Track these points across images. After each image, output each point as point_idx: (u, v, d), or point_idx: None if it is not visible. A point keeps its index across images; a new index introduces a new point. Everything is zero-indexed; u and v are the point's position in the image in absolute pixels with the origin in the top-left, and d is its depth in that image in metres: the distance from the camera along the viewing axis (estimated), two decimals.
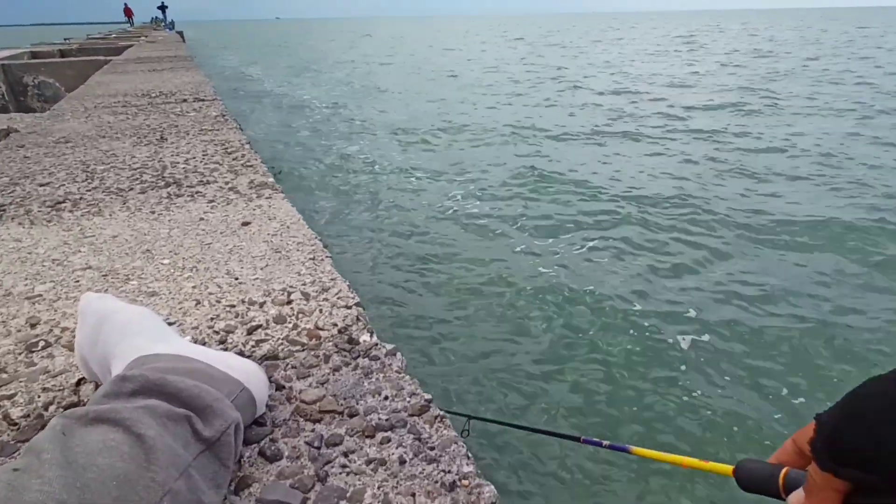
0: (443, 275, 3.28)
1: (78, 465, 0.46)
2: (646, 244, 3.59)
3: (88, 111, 2.88)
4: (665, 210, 4.21)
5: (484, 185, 4.99)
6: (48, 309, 0.95)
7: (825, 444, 0.32)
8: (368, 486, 0.60)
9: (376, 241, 3.83)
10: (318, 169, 5.62)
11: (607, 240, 3.72)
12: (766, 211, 4.09)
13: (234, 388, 0.64)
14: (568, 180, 5.06)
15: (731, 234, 3.72)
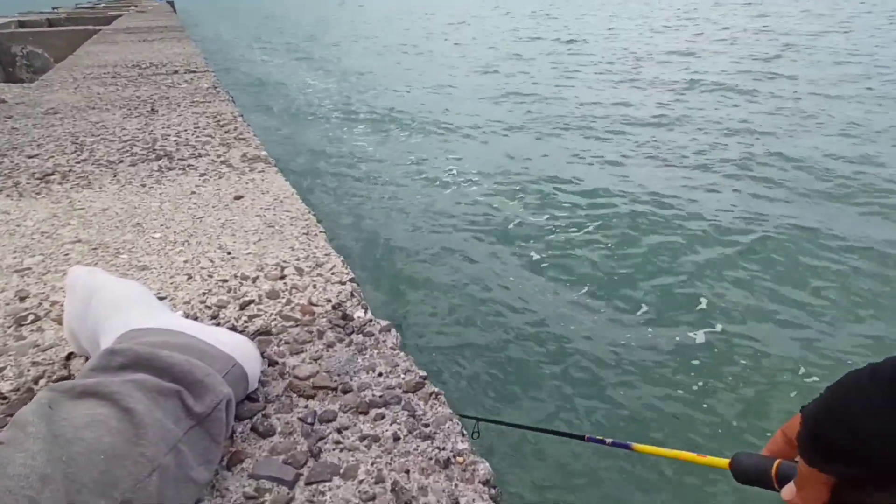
0: (440, 252, 3.26)
1: (64, 439, 0.45)
2: (650, 226, 3.57)
3: (78, 82, 2.81)
4: (674, 197, 4.18)
5: (482, 162, 4.94)
6: (37, 282, 0.93)
7: (808, 440, 0.33)
8: (362, 463, 0.59)
9: (372, 216, 3.80)
10: (311, 146, 5.55)
11: (612, 220, 3.70)
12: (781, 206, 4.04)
13: (225, 364, 0.63)
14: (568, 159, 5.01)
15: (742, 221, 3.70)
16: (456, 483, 0.58)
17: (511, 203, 4.00)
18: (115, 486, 0.44)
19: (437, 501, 0.55)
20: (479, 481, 0.58)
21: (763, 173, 4.55)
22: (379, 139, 5.69)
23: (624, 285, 2.86)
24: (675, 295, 2.79)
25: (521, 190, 4.23)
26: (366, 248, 3.34)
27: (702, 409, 1.97)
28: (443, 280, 2.96)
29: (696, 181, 4.42)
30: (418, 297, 2.79)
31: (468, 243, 3.38)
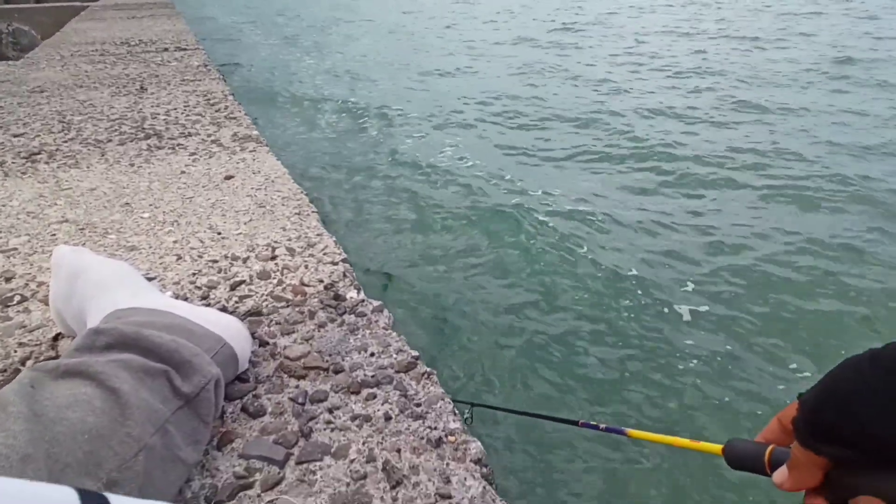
0: (434, 232, 3.25)
1: (46, 419, 0.44)
2: (648, 200, 3.55)
3: (65, 59, 2.75)
4: (670, 160, 4.14)
5: (478, 133, 4.89)
6: (23, 263, 0.91)
7: (805, 422, 0.33)
8: (353, 442, 0.59)
9: (365, 196, 3.78)
10: (305, 123, 5.48)
11: (603, 196, 3.68)
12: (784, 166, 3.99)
13: (214, 344, 0.62)
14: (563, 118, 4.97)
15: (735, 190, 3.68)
16: (447, 462, 0.58)
17: (504, 184, 3.98)
18: (100, 465, 0.44)
19: (429, 480, 0.55)
20: (471, 460, 0.58)
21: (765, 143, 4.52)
22: (373, 122, 5.63)
23: (614, 262, 2.87)
24: (667, 272, 2.79)
25: (514, 170, 4.21)
26: (358, 229, 3.32)
27: (696, 393, 1.98)
28: (437, 260, 2.95)
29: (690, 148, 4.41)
30: (412, 278, 2.79)
31: (461, 223, 3.37)
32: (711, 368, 2.11)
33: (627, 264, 2.84)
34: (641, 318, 2.43)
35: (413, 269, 2.86)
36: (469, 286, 2.70)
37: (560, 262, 2.89)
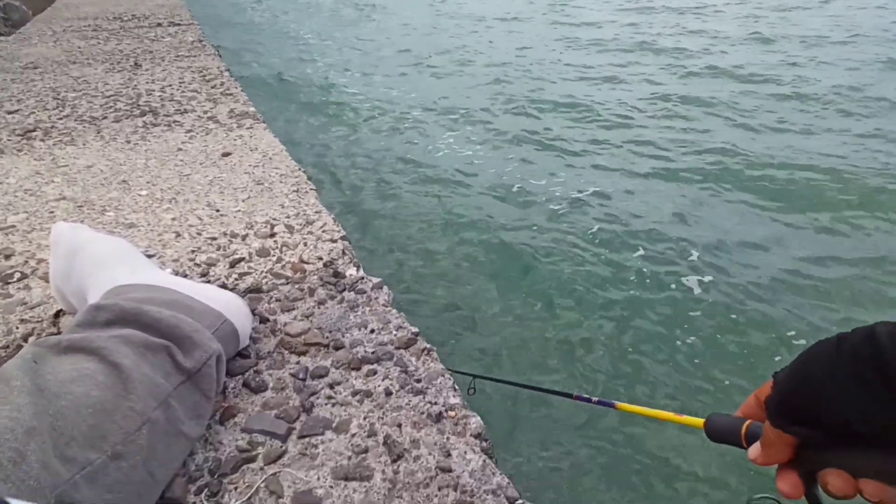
0: (435, 209, 3.23)
1: (50, 393, 0.45)
2: (648, 174, 3.53)
3: (57, 35, 2.70)
4: (671, 129, 4.10)
5: (477, 110, 4.84)
6: (22, 240, 0.91)
7: (776, 403, 0.35)
8: (354, 417, 0.60)
9: (365, 173, 3.75)
10: (302, 99, 5.41)
11: (606, 172, 3.65)
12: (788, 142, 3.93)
13: (214, 320, 0.63)
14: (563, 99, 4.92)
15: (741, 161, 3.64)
16: (448, 436, 0.58)
17: (506, 158, 3.95)
18: (104, 439, 0.44)
19: (430, 454, 0.56)
20: (471, 434, 0.59)
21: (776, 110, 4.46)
22: (373, 94, 5.55)
23: (616, 235, 2.87)
24: (668, 245, 2.79)
25: (516, 145, 4.17)
26: (358, 206, 3.31)
27: (688, 368, 2.00)
28: (437, 237, 2.95)
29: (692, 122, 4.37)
30: (411, 255, 2.79)
31: (461, 200, 3.36)
32: (713, 342, 2.12)
33: (633, 241, 2.84)
34: (647, 293, 2.43)
35: (413, 247, 2.86)
36: (470, 262, 2.70)
37: (563, 238, 2.88)
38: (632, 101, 5.16)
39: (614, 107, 5.07)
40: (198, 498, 0.51)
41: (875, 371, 0.28)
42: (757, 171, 3.69)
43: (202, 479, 0.52)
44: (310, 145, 4.31)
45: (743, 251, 2.75)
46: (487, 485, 0.53)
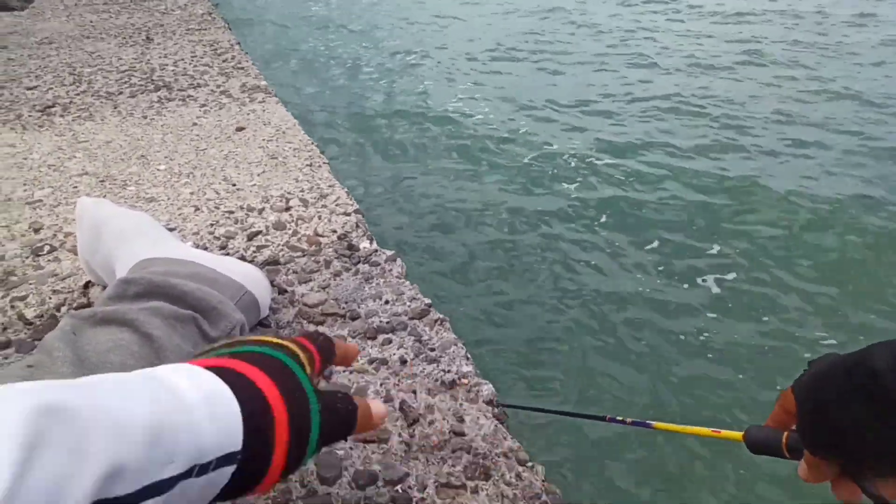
0: (448, 184, 3.23)
1: (90, 363, 0.47)
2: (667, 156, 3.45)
3: (69, 9, 2.70)
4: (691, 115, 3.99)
5: (495, 89, 4.75)
6: (49, 214, 0.94)
7: (801, 432, 0.35)
8: (371, 384, 0.62)
9: (376, 147, 3.74)
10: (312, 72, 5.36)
11: (629, 162, 3.57)
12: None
13: (236, 292, 0.65)
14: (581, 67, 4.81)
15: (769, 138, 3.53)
16: (461, 402, 0.61)
17: (526, 136, 3.89)
18: None
19: (443, 419, 0.58)
20: (483, 401, 0.61)
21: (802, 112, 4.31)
22: (382, 64, 5.48)
23: (637, 231, 2.78)
24: (688, 245, 2.69)
25: (531, 123, 4.10)
26: (371, 179, 3.31)
27: (717, 379, 1.93)
28: (450, 213, 2.95)
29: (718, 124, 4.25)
30: (425, 229, 2.80)
31: (476, 176, 3.34)
32: (737, 348, 2.04)
33: (651, 228, 2.76)
34: (664, 290, 2.36)
35: (425, 220, 2.87)
36: (482, 243, 2.69)
37: (581, 223, 2.83)
38: (665, 78, 4.99)
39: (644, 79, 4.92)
40: None
41: (877, 397, 0.29)
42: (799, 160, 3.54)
43: None
44: (321, 116, 4.29)
45: (767, 251, 2.65)
46: (499, 448, 0.56)
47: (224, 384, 0.30)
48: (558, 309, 2.22)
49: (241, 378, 0.32)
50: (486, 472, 0.53)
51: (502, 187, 3.19)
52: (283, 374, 0.34)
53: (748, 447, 0.43)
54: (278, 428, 0.31)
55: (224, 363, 0.32)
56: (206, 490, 0.28)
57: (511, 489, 0.52)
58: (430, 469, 0.53)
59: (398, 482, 0.52)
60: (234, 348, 0.36)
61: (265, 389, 0.32)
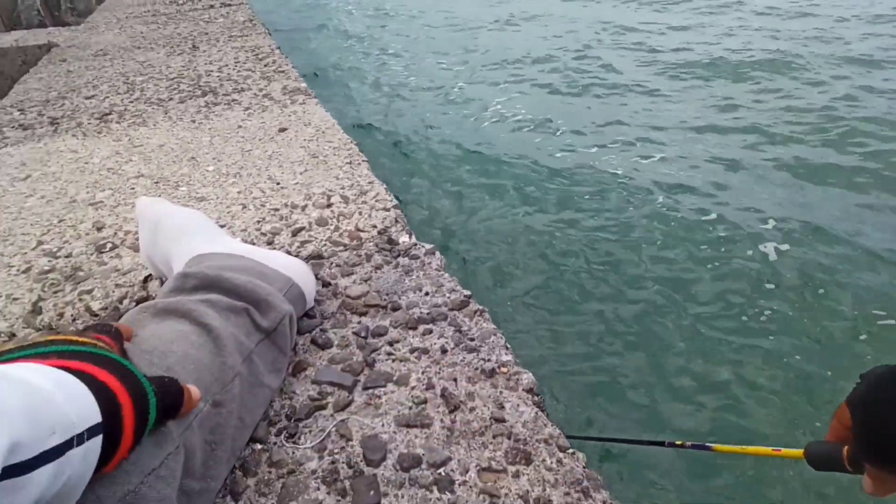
0: (484, 179, 3.22)
1: (157, 352, 0.51)
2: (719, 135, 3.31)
3: (121, 22, 2.85)
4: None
5: (533, 81, 4.71)
6: (110, 214, 1.01)
7: (859, 445, 0.36)
8: (413, 372, 0.64)
9: (413, 144, 3.78)
10: (349, 72, 5.45)
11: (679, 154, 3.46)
12: None
13: (284, 284, 0.68)
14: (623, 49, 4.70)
15: None
16: (501, 390, 0.62)
17: (559, 130, 3.85)
18: (207, 390, 0.50)
19: (484, 406, 0.60)
20: (523, 389, 0.62)
21: None
22: (418, 62, 5.52)
23: (689, 236, 2.67)
24: (742, 258, 2.55)
25: (568, 117, 4.05)
26: (409, 176, 3.34)
27: (772, 394, 1.85)
28: (488, 207, 2.94)
29: None
30: (461, 224, 2.81)
31: (513, 171, 3.32)
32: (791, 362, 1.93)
33: (705, 211, 2.64)
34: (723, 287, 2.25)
35: (464, 216, 2.87)
36: (525, 236, 2.67)
37: (625, 221, 2.75)
38: (713, 57, 4.82)
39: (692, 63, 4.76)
40: (278, 439, 0.57)
41: None
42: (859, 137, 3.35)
43: (281, 422, 0.59)
44: (358, 118, 4.36)
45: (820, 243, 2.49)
46: (540, 434, 0.56)
47: (64, 372, 0.34)
48: (597, 308, 2.18)
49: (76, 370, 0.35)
50: (527, 457, 0.54)
51: (544, 183, 3.15)
52: (109, 363, 0.38)
53: (810, 464, 0.42)
54: (123, 403, 0.36)
55: (54, 363, 0.35)
56: (86, 459, 0.33)
57: (552, 474, 0.52)
58: (471, 453, 0.54)
59: (441, 465, 0.53)
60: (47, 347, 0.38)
61: (99, 376, 0.36)
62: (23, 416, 0.29)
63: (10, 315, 0.78)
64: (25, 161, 1.26)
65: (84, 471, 0.33)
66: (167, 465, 0.42)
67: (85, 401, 0.33)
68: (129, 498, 0.38)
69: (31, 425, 0.29)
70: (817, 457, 0.42)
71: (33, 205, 1.06)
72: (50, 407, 0.31)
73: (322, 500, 0.50)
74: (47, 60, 2.16)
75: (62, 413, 0.31)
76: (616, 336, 2.04)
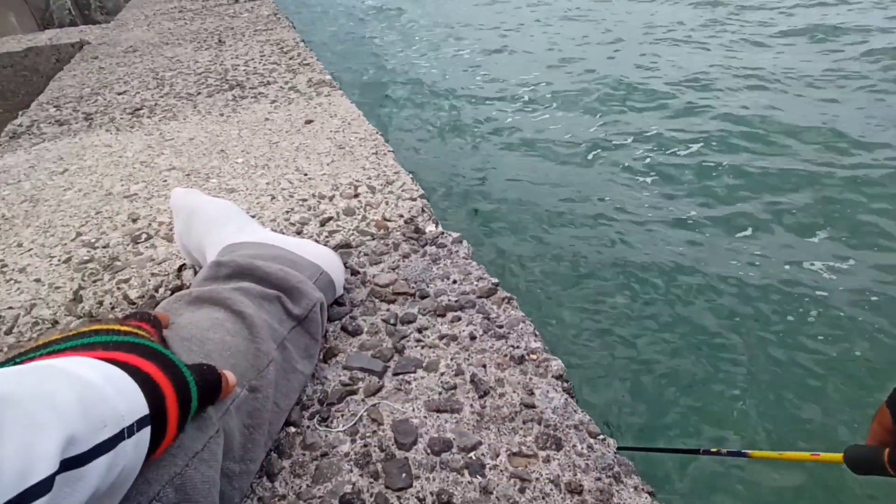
0: (511, 168, 3.20)
1: (195, 339, 0.52)
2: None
3: (149, 19, 2.90)
4: None
5: (558, 76, 4.64)
6: (144, 206, 1.03)
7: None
8: (442, 358, 0.65)
9: (438, 134, 3.77)
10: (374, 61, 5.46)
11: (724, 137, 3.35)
12: None
13: (314, 272, 0.69)
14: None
15: None
16: (530, 377, 0.62)
17: (596, 119, 3.77)
18: (243, 375, 0.51)
19: (514, 392, 0.60)
20: (553, 376, 0.62)
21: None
22: (441, 54, 5.50)
23: (732, 218, 2.58)
24: (784, 242, 2.46)
25: (604, 109, 3.97)
26: (434, 165, 3.34)
27: (810, 401, 1.79)
28: (515, 196, 2.92)
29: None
30: (488, 213, 2.80)
31: (542, 159, 3.28)
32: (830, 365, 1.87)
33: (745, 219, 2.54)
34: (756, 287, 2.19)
35: (493, 204, 2.86)
36: (552, 229, 2.64)
37: (655, 213, 2.68)
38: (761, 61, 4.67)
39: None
40: (311, 422, 0.58)
41: None
42: None
43: (313, 407, 0.60)
44: (382, 109, 4.37)
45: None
46: (570, 420, 0.56)
47: (112, 365, 0.35)
48: (625, 297, 2.16)
49: (122, 363, 0.36)
50: (558, 442, 0.54)
51: (576, 170, 3.10)
52: (152, 354, 0.39)
53: (850, 467, 0.42)
54: (167, 393, 0.37)
55: (100, 355, 0.36)
56: (137, 450, 0.34)
57: (583, 459, 0.52)
58: (501, 438, 0.55)
59: (471, 449, 0.54)
60: (91, 338, 0.39)
61: (143, 367, 0.37)
62: (77, 411, 0.30)
63: (52, 303, 0.81)
64: (62, 155, 1.30)
65: (135, 461, 0.34)
66: (209, 448, 0.43)
67: (132, 394, 0.35)
68: (177, 480, 0.40)
69: (84, 419, 0.30)
70: (857, 460, 0.41)
71: (71, 198, 1.10)
72: (101, 401, 0.32)
73: (355, 481, 0.51)
74: (80, 58, 2.22)
75: (112, 406, 0.32)
76: (645, 329, 2.01)
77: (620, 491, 0.50)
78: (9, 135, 1.48)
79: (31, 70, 2.72)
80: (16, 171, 1.25)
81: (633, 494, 0.50)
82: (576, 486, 0.50)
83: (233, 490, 0.48)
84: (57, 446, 0.27)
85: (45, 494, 0.26)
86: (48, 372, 0.32)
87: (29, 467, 0.26)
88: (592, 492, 0.50)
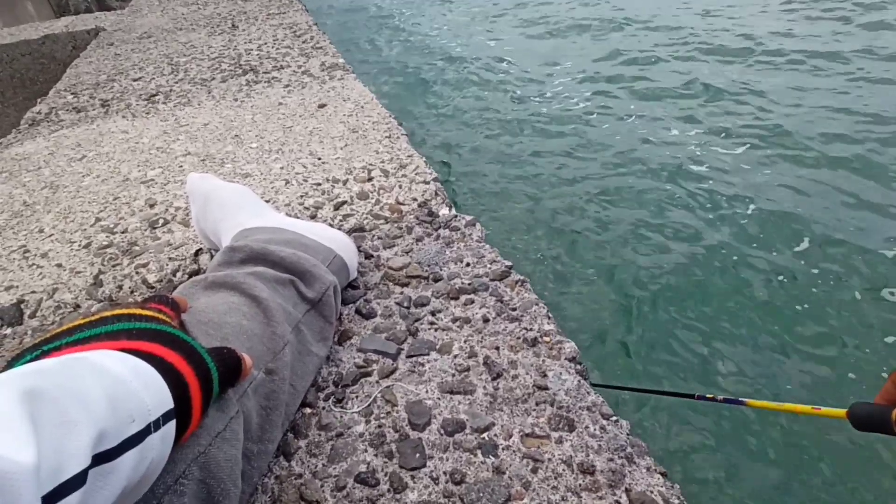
0: (527, 154, 3.17)
1: (213, 323, 0.53)
2: None
3: (163, 4, 2.91)
4: None
5: (575, 58, 4.55)
6: (161, 191, 1.05)
7: None
8: (455, 341, 0.65)
9: (452, 117, 3.75)
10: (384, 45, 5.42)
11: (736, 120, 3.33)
12: None
13: (327, 256, 0.69)
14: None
15: None
16: (543, 359, 0.62)
17: (611, 107, 3.71)
18: (260, 358, 0.52)
19: (527, 374, 0.60)
20: (566, 358, 0.62)
21: None
22: (460, 35, 5.43)
23: (730, 200, 2.58)
24: (781, 214, 2.46)
25: (618, 97, 3.89)
26: (448, 149, 3.33)
27: (811, 356, 1.78)
28: (530, 180, 2.90)
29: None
30: (501, 195, 2.78)
31: (556, 142, 3.25)
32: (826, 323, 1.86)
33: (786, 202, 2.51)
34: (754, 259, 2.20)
35: (506, 185, 2.84)
36: (569, 209, 2.62)
37: (663, 197, 2.65)
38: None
39: None
40: (326, 403, 0.59)
41: None
42: None
43: (328, 388, 0.61)
44: (396, 92, 4.34)
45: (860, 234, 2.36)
46: (583, 402, 0.56)
47: (137, 358, 0.35)
48: (638, 277, 2.14)
49: (146, 353, 0.37)
50: (571, 423, 0.54)
51: (590, 156, 3.07)
52: (175, 342, 0.39)
53: (853, 424, 0.42)
54: (190, 383, 0.37)
55: (124, 345, 0.37)
56: (164, 443, 0.35)
57: (595, 441, 0.53)
58: (514, 420, 0.55)
59: (485, 430, 0.54)
60: (114, 325, 0.39)
61: (167, 357, 0.37)
62: (107, 406, 0.30)
63: (73, 287, 0.83)
64: (80, 142, 1.32)
65: (162, 453, 0.35)
66: (231, 427, 0.44)
67: (158, 388, 0.35)
68: (201, 458, 0.41)
69: (113, 414, 0.30)
70: (862, 418, 0.41)
71: (90, 183, 1.12)
72: (128, 395, 0.32)
73: (370, 461, 0.52)
74: (96, 45, 2.24)
75: (139, 400, 0.33)
76: (656, 305, 2.00)
77: (633, 472, 0.50)
78: (28, 122, 1.50)
79: (48, 57, 2.75)
80: (36, 157, 1.27)
81: (646, 475, 0.50)
82: (588, 466, 0.50)
83: (252, 469, 0.49)
84: (88, 442, 0.28)
85: (80, 488, 0.27)
86: (79, 367, 0.33)
87: (63, 463, 0.26)
88: (605, 472, 0.50)
